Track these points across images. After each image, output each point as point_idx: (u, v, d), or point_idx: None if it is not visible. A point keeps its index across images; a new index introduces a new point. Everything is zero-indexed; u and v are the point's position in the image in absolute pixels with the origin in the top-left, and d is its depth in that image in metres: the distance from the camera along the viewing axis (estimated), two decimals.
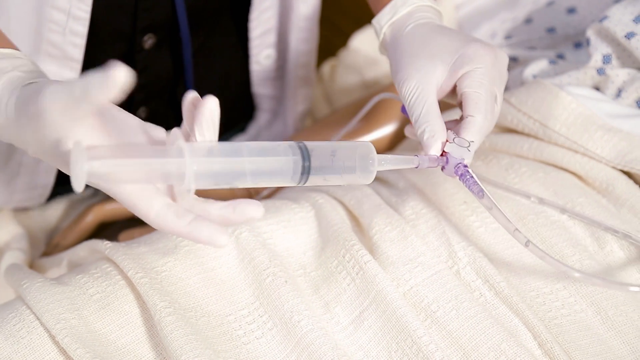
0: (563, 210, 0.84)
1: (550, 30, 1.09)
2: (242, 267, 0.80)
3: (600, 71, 0.94)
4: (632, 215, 0.84)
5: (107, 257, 0.79)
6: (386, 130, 1.11)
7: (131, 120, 0.67)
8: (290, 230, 0.84)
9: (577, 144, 0.88)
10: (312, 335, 0.74)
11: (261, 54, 1.12)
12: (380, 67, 1.29)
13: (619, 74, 0.93)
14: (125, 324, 0.75)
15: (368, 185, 0.92)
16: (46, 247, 1.07)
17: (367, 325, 0.77)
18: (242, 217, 0.63)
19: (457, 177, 0.75)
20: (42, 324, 0.74)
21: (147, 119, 1.06)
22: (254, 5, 1.05)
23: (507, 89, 1.04)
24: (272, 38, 1.10)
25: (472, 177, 0.74)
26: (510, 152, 0.92)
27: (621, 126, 0.89)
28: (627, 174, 0.87)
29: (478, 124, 0.76)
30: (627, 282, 0.78)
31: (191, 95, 0.67)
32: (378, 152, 1.08)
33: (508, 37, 1.13)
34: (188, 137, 0.67)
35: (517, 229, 0.73)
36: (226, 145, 0.66)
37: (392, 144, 1.11)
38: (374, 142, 1.09)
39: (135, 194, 0.63)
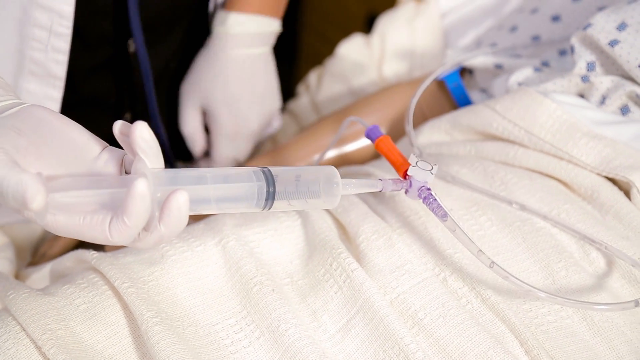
0: (545, 218, 0.84)
1: (535, 37, 1.10)
2: (229, 276, 0.80)
3: (585, 78, 0.94)
4: (616, 221, 0.84)
5: (94, 267, 0.79)
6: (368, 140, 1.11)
7: (78, 137, 0.66)
8: (277, 238, 0.84)
9: (562, 151, 0.89)
10: (299, 343, 0.74)
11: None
12: (367, 75, 1.29)
13: (603, 81, 0.93)
14: (112, 335, 0.75)
15: (356, 195, 0.93)
16: (32, 257, 1.06)
17: (354, 333, 0.77)
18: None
19: (421, 200, 0.76)
20: (28, 335, 0.73)
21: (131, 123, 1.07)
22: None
23: (492, 96, 1.05)
24: None
25: (435, 200, 0.75)
26: (496, 159, 0.92)
27: (605, 133, 0.90)
28: (612, 180, 0.88)
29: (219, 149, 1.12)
30: (594, 301, 0.78)
31: (117, 128, 0.66)
32: (365, 160, 1.10)
33: (493, 44, 1.13)
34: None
35: (480, 250, 0.74)
36: (189, 172, 0.66)
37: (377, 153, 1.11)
38: (360, 150, 1.11)
39: (87, 223, 0.62)
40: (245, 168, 0.69)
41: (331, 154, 1.11)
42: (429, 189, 0.76)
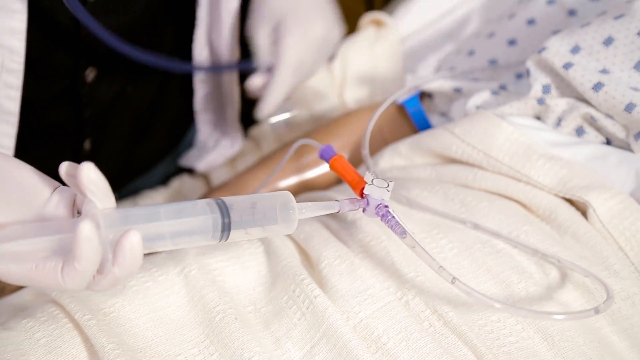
0: (500, 237, 0.85)
1: (492, 61, 1.12)
2: (192, 305, 0.80)
3: (541, 101, 0.96)
4: (574, 241, 0.86)
5: (54, 300, 0.78)
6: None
7: (27, 180, 0.66)
8: (240, 266, 0.84)
9: (520, 173, 0.90)
10: None
11: (202, 54, 1.13)
12: (328, 101, 1.30)
13: (558, 103, 0.95)
14: None
15: (316, 218, 0.93)
16: None
17: (318, 359, 0.77)
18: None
19: (379, 218, 0.77)
20: None
21: (91, 150, 1.07)
22: (197, 26, 1.07)
23: (451, 119, 1.06)
24: (205, 52, 1.13)
25: (393, 217, 0.76)
26: (456, 182, 0.93)
27: (562, 154, 0.91)
28: (569, 201, 0.89)
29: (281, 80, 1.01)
30: (552, 310, 0.79)
31: (63, 170, 0.65)
32: (327, 186, 1.10)
33: (452, 68, 1.15)
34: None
35: (441, 267, 0.75)
36: (141, 209, 0.66)
37: (340, 178, 1.11)
38: (323, 176, 1.11)
39: (39, 271, 0.62)
40: (199, 201, 0.69)
41: (292, 181, 1.11)
42: (386, 206, 0.77)
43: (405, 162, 1.01)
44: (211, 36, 1.12)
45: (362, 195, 0.78)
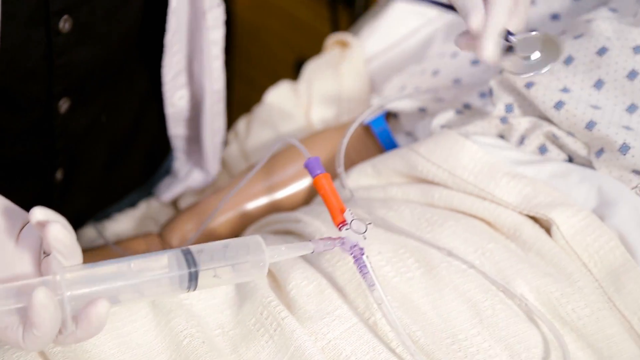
0: (471, 265, 0.85)
1: (456, 81, 1.13)
2: (159, 329, 0.79)
3: (504, 120, 0.97)
4: (539, 258, 0.87)
5: None
6: (302, 183, 1.12)
7: None
8: (208, 289, 0.83)
9: (485, 191, 0.91)
10: None
11: (174, 96, 1.12)
12: (295, 121, 1.30)
13: (521, 122, 0.96)
14: None
15: (284, 240, 0.93)
16: None
17: None
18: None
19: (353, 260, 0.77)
20: None
21: (63, 180, 1.06)
22: (165, 52, 1.05)
23: (417, 139, 1.07)
24: (183, 79, 1.11)
25: (365, 266, 0.76)
26: (422, 201, 0.94)
27: (525, 172, 0.92)
28: (533, 218, 0.90)
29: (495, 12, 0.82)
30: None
31: (34, 219, 0.65)
32: (295, 207, 1.10)
33: (417, 89, 1.16)
34: None
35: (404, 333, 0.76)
36: (107, 267, 0.66)
37: (309, 198, 1.12)
38: (291, 196, 1.11)
39: (1, 333, 0.62)
40: (167, 252, 0.69)
41: (262, 201, 1.11)
42: (361, 249, 0.77)
43: (371, 182, 1.01)
44: (191, 66, 1.11)
45: (339, 227, 0.78)
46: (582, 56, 0.95)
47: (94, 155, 1.10)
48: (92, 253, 1.11)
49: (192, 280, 0.69)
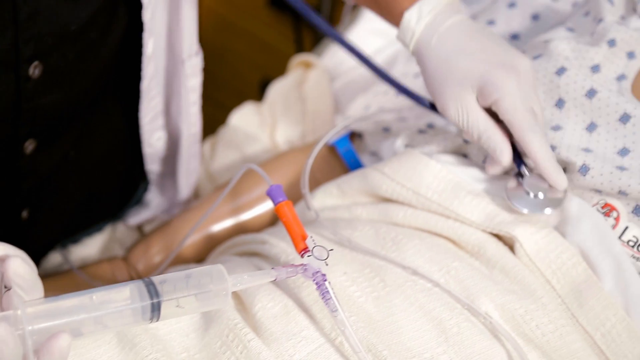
0: (436, 284, 0.86)
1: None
2: (124, 354, 0.78)
3: (466, 140, 0.98)
4: (503, 275, 0.87)
5: None
6: (268, 204, 1.12)
7: None
8: None
9: (449, 210, 0.92)
10: None
11: (152, 137, 1.12)
12: (260, 143, 1.30)
13: None
14: None
15: (249, 262, 0.93)
16: None
17: None
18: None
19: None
20: None
21: (29, 218, 1.04)
22: (142, 97, 1.04)
23: (382, 159, 1.08)
24: (160, 121, 1.10)
25: (327, 291, 0.77)
26: (387, 220, 0.94)
27: (488, 190, 0.93)
28: (497, 236, 0.91)
29: (533, 142, 0.86)
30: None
31: None
32: (261, 228, 1.10)
33: (381, 108, 1.17)
34: None
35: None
36: (69, 300, 0.66)
37: (275, 218, 1.12)
38: (256, 218, 1.11)
39: None
40: (129, 284, 0.69)
41: (227, 223, 1.11)
42: (323, 275, 0.77)
43: (336, 202, 1.01)
44: (169, 108, 1.11)
45: (302, 254, 0.78)
46: (541, 76, 0.97)
47: (63, 192, 1.08)
48: (57, 278, 1.10)
49: (155, 311, 0.69)
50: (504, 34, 1.16)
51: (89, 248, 1.19)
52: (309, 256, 0.78)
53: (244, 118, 1.32)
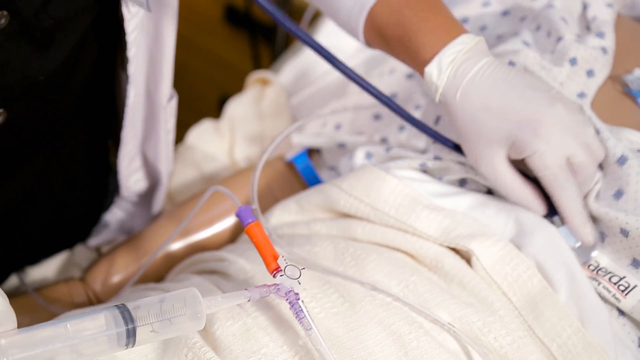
0: (396, 298, 0.86)
1: (376, 116, 1.15)
2: None
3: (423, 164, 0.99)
4: (460, 289, 0.88)
5: None
6: (227, 222, 1.12)
7: None
8: None
9: (406, 224, 0.92)
10: None
11: (129, 180, 1.12)
12: (218, 162, 1.30)
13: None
14: None
15: (209, 280, 0.93)
16: None
17: None
18: None
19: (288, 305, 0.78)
20: None
21: None
22: (121, 145, 1.05)
23: (340, 174, 1.08)
24: (137, 162, 1.11)
25: (301, 310, 0.77)
26: (346, 236, 0.95)
27: (445, 204, 0.94)
28: (454, 250, 0.92)
29: (562, 199, 0.87)
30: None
31: None
32: (220, 246, 1.09)
33: (338, 125, 1.17)
34: None
35: None
36: (45, 330, 0.66)
37: (234, 236, 1.11)
38: (215, 236, 1.11)
39: None
40: (103, 311, 0.69)
41: (186, 242, 1.10)
42: (296, 294, 0.77)
43: (295, 218, 1.02)
44: (146, 152, 1.11)
45: (273, 274, 0.78)
46: None
47: (24, 223, 1.07)
48: (13, 300, 1.07)
49: (130, 337, 0.69)
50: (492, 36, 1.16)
51: (46, 269, 1.18)
52: (281, 276, 0.78)
53: (201, 136, 1.32)
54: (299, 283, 0.77)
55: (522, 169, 0.91)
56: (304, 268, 0.79)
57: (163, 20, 0.94)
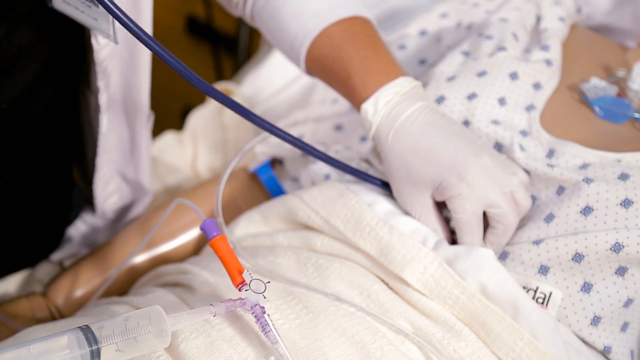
0: (360, 308, 0.86)
1: (338, 127, 1.15)
2: None
3: None
4: (415, 303, 0.88)
5: None
6: (190, 234, 1.11)
7: None
8: None
9: (352, 241, 0.92)
10: None
11: (105, 204, 1.12)
12: (181, 174, 1.30)
13: None
14: None
15: (172, 293, 0.92)
16: None
17: None
18: None
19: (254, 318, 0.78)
20: None
21: None
22: (96, 171, 1.05)
23: (303, 185, 1.09)
24: (113, 185, 1.11)
25: (267, 323, 0.77)
26: (307, 247, 0.95)
27: (402, 222, 0.93)
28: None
29: (466, 243, 0.91)
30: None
31: None
32: (183, 258, 1.09)
33: (300, 136, 1.17)
34: None
35: None
36: (6, 353, 0.66)
37: (198, 248, 1.11)
38: (179, 248, 1.10)
39: None
40: (66, 333, 0.69)
41: (149, 254, 1.10)
42: (262, 307, 0.78)
43: (260, 229, 1.02)
44: (125, 171, 1.11)
45: (238, 287, 0.79)
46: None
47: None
48: None
49: (95, 357, 0.69)
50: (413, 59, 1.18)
51: (7, 284, 1.16)
52: (246, 290, 0.78)
53: (163, 148, 1.31)
54: (264, 297, 0.78)
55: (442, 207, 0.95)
56: (269, 282, 0.79)
57: (138, 45, 0.94)
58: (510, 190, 0.91)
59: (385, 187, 0.98)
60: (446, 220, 0.95)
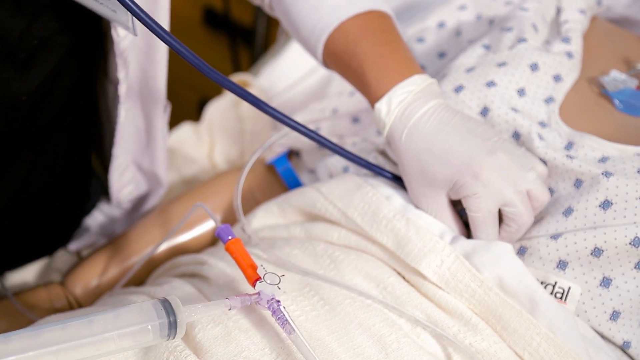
0: (377, 300, 0.86)
1: (355, 119, 1.15)
2: None
3: None
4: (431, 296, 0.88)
5: None
6: (207, 225, 1.12)
7: None
8: None
9: (368, 234, 0.92)
10: None
11: (121, 193, 1.12)
12: (198, 165, 1.30)
13: None
14: None
15: (189, 283, 0.93)
16: None
17: None
18: None
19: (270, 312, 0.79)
20: None
21: None
22: (112, 162, 1.05)
23: (319, 177, 1.08)
24: (129, 174, 1.11)
25: (283, 315, 0.78)
26: (324, 240, 0.95)
27: (418, 216, 0.92)
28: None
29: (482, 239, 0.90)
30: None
31: None
32: (200, 249, 1.09)
33: (317, 128, 1.17)
34: None
35: None
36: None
37: (215, 238, 1.11)
38: (196, 239, 1.11)
39: None
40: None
41: (166, 245, 1.10)
42: (278, 301, 0.78)
43: (277, 221, 1.02)
44: (141, 161, 1.12)
45: (253, 284, 0.79)
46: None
47: (5, 230, 1.07)
48: None
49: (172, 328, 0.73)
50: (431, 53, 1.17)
51: (26, 273, 1.17)
52: (260, 282, 0.79)
53: (180, 139, 1.32)
54: (279, 288, 0.78)
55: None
56: (283, 275, 0.79)
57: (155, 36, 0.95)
58: (526, 189, 0.91)
59: (396, 180, 0.97)
60: (459, 215, 0.95)
